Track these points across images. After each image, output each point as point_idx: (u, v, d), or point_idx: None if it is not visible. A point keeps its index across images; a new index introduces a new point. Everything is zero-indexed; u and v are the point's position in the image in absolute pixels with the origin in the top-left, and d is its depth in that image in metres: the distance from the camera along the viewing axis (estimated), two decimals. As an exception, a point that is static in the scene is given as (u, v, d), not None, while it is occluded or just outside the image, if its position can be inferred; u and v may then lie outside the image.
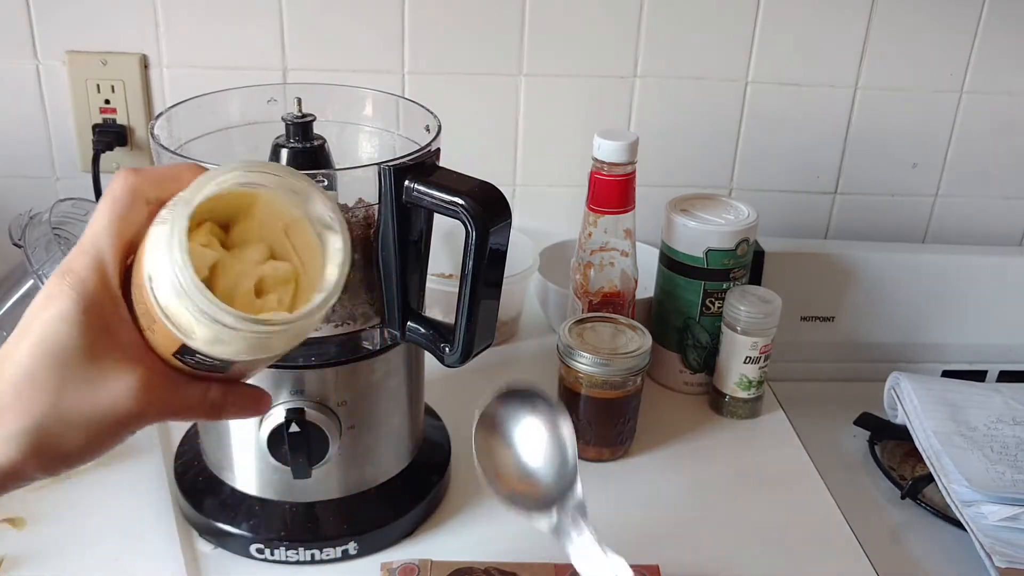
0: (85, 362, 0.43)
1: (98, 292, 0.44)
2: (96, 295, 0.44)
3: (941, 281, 1.03)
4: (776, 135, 1.10)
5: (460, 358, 0.68)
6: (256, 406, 0.49)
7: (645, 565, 0.72)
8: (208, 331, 0.44)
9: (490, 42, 1.04)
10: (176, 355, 0.45)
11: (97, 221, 0.45)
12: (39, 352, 0.43)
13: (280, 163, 0.51)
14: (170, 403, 0.45)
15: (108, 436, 0.44)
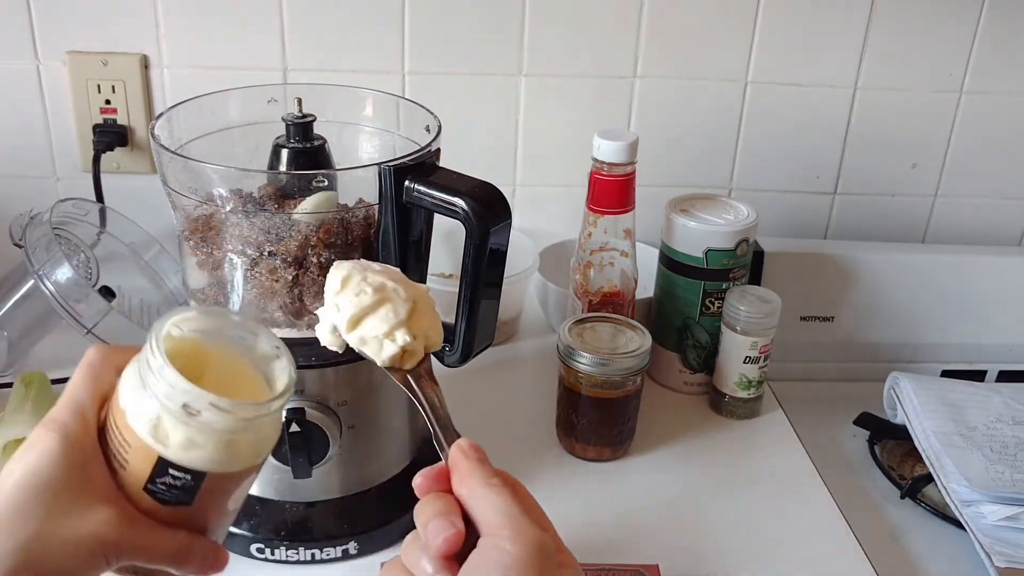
0: (67, 494, 0.46)
1: (79, 435, 0.48)
2: (77, 438, 0.47)
3: (941, 281, 1.03)
4: (776, 135, 1.10)
5: (460, 358, 0.68)
6: (215, 560, 0.52)
7: (645, 565, 0.72)
8: (182, 432, 0.47)
9: (490, 42, 1.04)
10: (148, 485, 0.48)
11: (75, 381, 0.50)
12: (25, 484, 0.46)
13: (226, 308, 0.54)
14: (142, 542, 0.48)
15: (89, 564, 0.47)
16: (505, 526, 0.44)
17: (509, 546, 0.43)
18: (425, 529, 0.45)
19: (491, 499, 0.45)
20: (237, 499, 0.52)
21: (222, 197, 0.66)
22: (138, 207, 1.01)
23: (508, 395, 0.96)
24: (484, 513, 0.45)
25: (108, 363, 0.51)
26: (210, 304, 0.70)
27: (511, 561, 0.43)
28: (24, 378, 0.86)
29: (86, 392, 0.50)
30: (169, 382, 0.46)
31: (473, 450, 0.48)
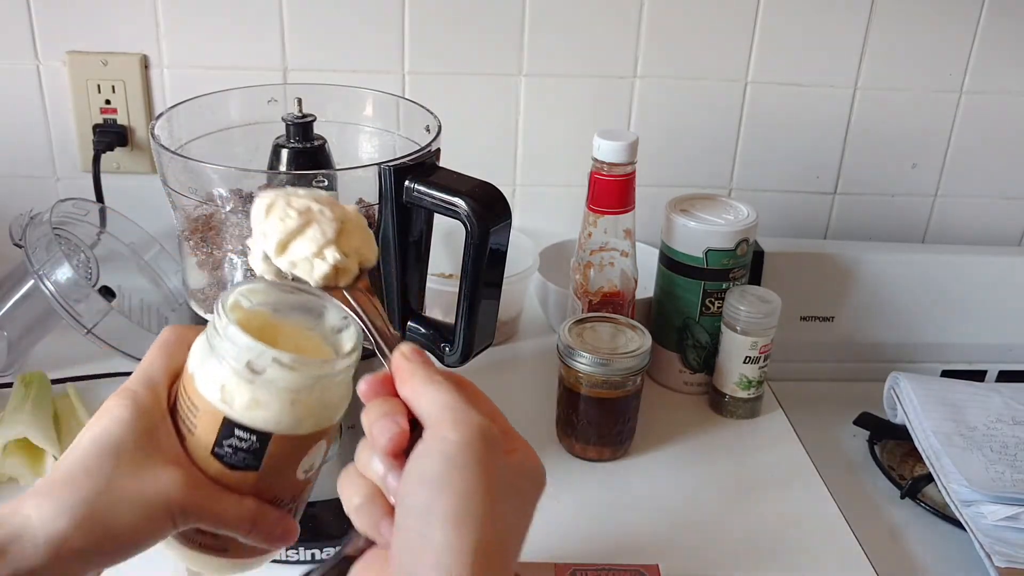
0: (136, 454, 0.47)
1: (149, 404, 0.48)
2: (147, 406, 0.48)
3: (941, 281, 1.03)
4: (776, 135, 1.10)
5: (460, 358, 0.68)
6: (285, 532, 0.51)
7: (645, 565, 0.72)
8: (247, 391, 0.47)
9: (490, 42, 1.04)
10: (215, 448, 0.48)
11: (149, 356, 0.51)
12: (93, 445, 0.47)
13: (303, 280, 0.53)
14: (208, 506, 0.48)
15: (155, 523, 0.47)
16: (446, 417, 0.44)
17: (450, 434, 0.43)
18: (371, 431, 0.45)
19: (432, 395, 0.45)
20: (308, 468, 0.51)
21: (222, 197, 0.66)
22: (138, 207, 1.01)
23: (508, 395, 0.96)
24: (426, 409, 0.45)
25: (182, 342, 0.51)
26: (210, 304, 0.70)
27: (452, 449, 0.42)
28: (24, 378, 0.86)
29: (159, 366, 0.50)
30: (233, 340, 0.47)
31: (415, 353, 0.47)
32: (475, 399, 0.47)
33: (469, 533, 0.40)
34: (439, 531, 0.40)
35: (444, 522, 0.40)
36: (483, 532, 0.40)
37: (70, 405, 0.86)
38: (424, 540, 0.40)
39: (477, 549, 0.40)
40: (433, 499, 0.41)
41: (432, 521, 0.40)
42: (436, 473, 0.42)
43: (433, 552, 0.40)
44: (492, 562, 0.40)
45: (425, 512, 0.41)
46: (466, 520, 0.40)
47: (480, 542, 0.40)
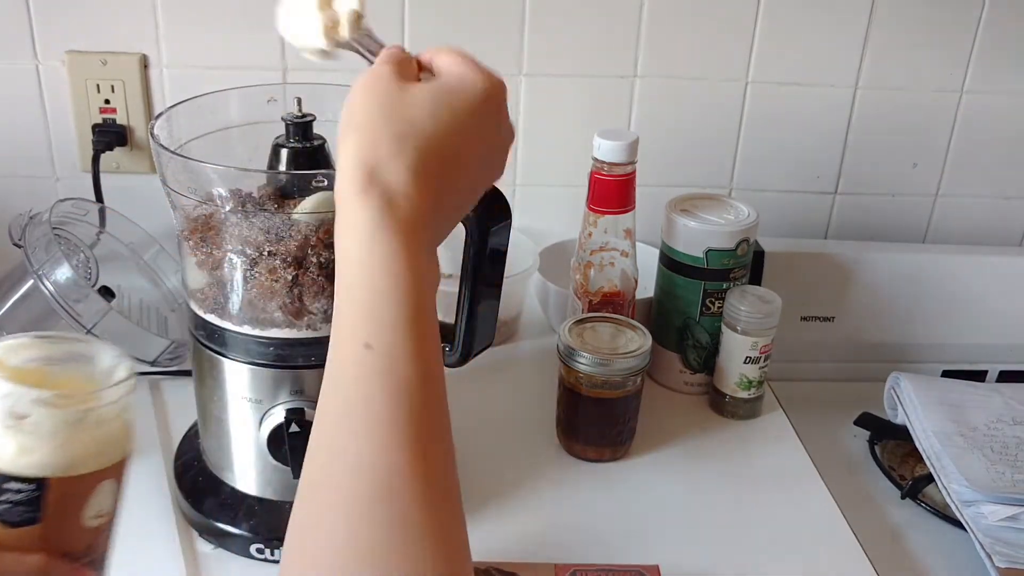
0: None
1: None
2: None
3: (941, 281, 1.03)
4: (776, 135, 1.10)
5: (460, 358, 0.68)
6: None
7: (645, 565, 0.72)
8: (13, 440, 0.45)
9: (490, 42, 1.04)
10: None
11: None
12: None
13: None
14: None
15: None
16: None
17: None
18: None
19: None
20: (97, 513, 0.49)
21: (222, 197, 0.66)
22: (138, 207, 1.00)
23: (508, 395, 0.96)
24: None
25: None
26: (209, 304, 0.70)
27: (353, 85, 0.54)
28: (24, 378, 0.86)
29: None
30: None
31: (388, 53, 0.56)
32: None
33: (346, 144, 0.49)
34: (337, 143, 0.50)
35: (339, 137, 0.50)
36: (358, 143, 0.49)
37: (70, 405, 0.86)
38: (336, 153, 0.51)
39: (353, 155, 0.49)
40: (340, 122, 0.51)
41: (338, 139, 0.51)
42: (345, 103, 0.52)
43: (337, 162, 0.50)
44: (370, 166, 0.48)
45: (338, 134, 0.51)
46: (344, 134, 0.50)
47: (355, 150, 0.49)
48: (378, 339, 0.45)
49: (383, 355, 0.45)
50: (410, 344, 0.45)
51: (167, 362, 0.91)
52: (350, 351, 0.45)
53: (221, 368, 0.71)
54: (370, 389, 0.44)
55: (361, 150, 0.49)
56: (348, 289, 0.47)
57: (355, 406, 0.44)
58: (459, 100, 0.52)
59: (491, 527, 0.77)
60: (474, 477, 0.82)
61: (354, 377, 0.45)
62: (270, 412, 0.70)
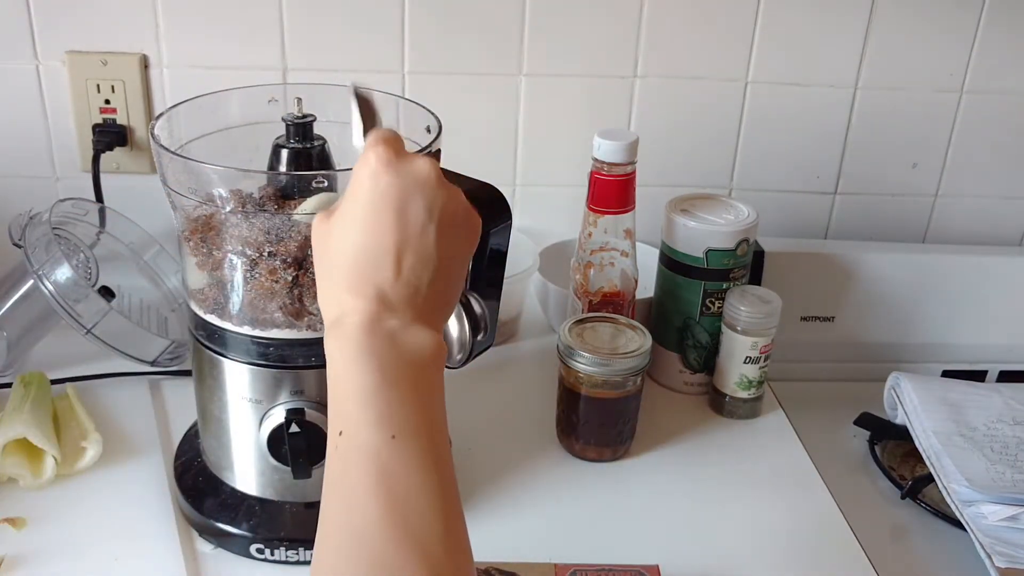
0: None
1: None
2: None
3: (941, 281, 1.03)
4: (776, 135, 1.10)
5: (460, 359, 0.68)
6: None
7: (645, 565, 0.72)
8: None
9: (490, 42, 1.04)
10: None
11: None
12: None
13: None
14: None
15: None
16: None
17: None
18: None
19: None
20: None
21: (222, 197, 0.66)
22: (138, 207, 1.01)
23: (508, 395, 0.96)
24: None
25: None
26: (209, 304, 0.70)
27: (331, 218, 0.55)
28: (24, 378, 0.86)
29: None
30: None
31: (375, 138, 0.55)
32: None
33: (343, 249, 0.53)
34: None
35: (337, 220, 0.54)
36: (322, 301, 0.55)
37: (69, 405, 0.86)
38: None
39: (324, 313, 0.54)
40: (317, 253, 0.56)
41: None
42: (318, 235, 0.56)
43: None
44: (334, 316, 0.53)
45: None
46: (340, 222, 0.54)
47: (325, 309, 0.54)
48: (348, 430, 0.51)
49: (353, 449, 0.50)
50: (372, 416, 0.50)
51: (167, 362, 0.92)
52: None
53: (221, 368, 0.71)
54: (348, 461, 0.50)
55: (327, 306, 0.55)
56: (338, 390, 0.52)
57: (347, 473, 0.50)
58: (361, 200, 0.53)
59: (491, 527, 0.77)
60: (474, 477, 0.83)
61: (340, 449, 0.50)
62: (270, 412, 0.70)
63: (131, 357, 0.89)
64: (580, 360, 0.83)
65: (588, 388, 0.83)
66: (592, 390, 0.83)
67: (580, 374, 0.83)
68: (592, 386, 0.83)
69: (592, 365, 0.82)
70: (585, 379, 0.83)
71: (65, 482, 0.79)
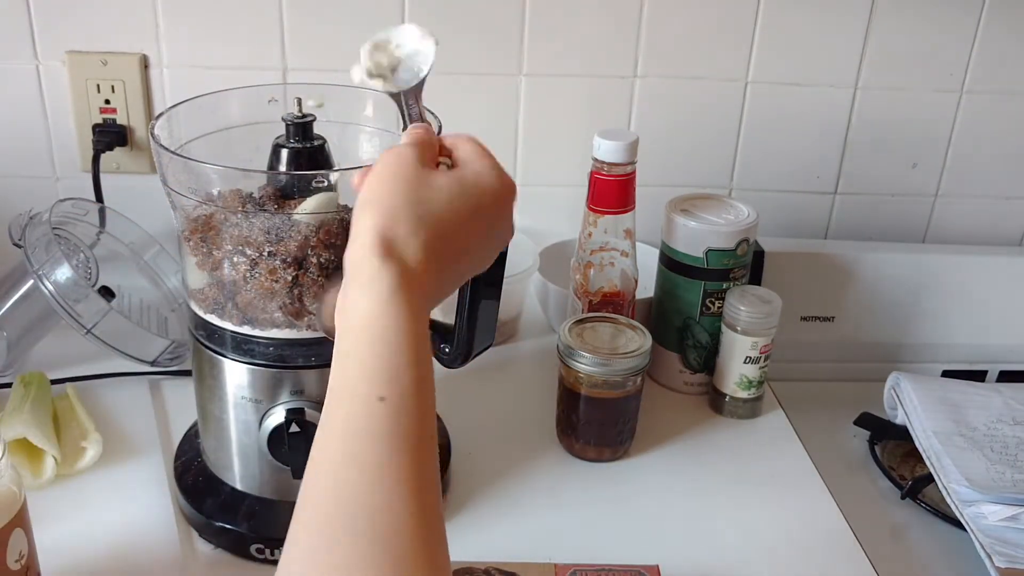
0: None
1: None
2: None
3: (941, 281, 1.03)
4: (776, 135, 1.10)
5: (460, 359, 0.68)
6: None
7: (645, 565, 0.72)
8: None
9: (490, 42, 1.04)
10: None
11: None
12: None
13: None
14: None
15: None
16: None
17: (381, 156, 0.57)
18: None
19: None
20: (18, 556, 0.59)
21: (222, 197, 0.66)
22: (138, 207, 1.00)
23: (508, 395, 0.96)
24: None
25: None
26: (209, 304, 0.70)
27: (376, 164, 0.56)
28: (24, 378, 0.86)
29: None
30: None
31: (414, 133, 0.59)
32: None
33: (368, 216, 0.53)
34: (356, 214, 0.54)
35: (358, 208, 0.54)
36: (380, 216, 0.53)
37: (70, 405, 0.86)
38: (353, 223, 0.54)
39: (374, 227, 0.52)
40: (361, 195, 0.55)
41: (356, 210, 0.54)
42: (367, 178, 0.56)
43: (353, 230, 0.54)
44: (389, 238, 0.52)
45: (356, 205, 0.55)
46: (365, 207, 0.53)
47: (377, 222, 0.52)
48: (391, 393, 0.48)
49: (395, 409, 0.48)
50: (418, 401, 0.49)
51: (167, 362, 0.92)
52: (362, 402, 0.48)
53: (221, 368, 0.71)
54: (379, 439, 0.47)
55: (383, 223, 0.52)
56: (361, 343, 0.50)
57: (363, 455, 0.47)
58: (474, 195, 0.56)
59: (491, 527, 0.77)
60: (474, 477, 0.83)
61: (365, 428, 0.48)
62: (270, 412, 0.70)
63: (131, 357, 0.89)
64: (580, 360, 0.83)
65: (588, 388, 0.83)
66: (592, 390, 0.83)
67: (580, 374, 0.83)
68: (592, 386, 0.83)
69: (592, 365, 0.82)
70: (585, 379, 0.83)
71: (65, 482, 0.79)
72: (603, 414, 0.84)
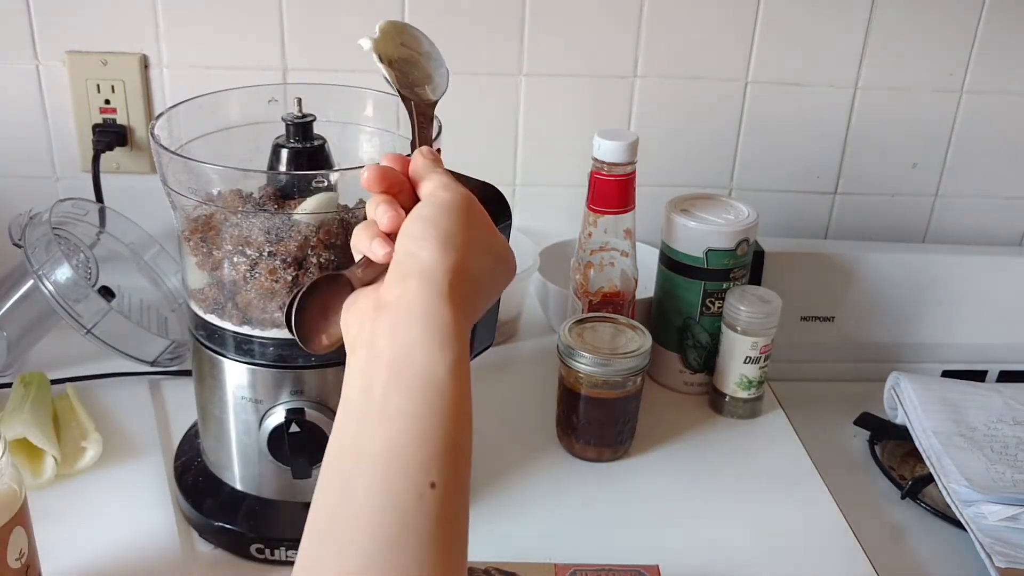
0: None
1: None
2: None
3: (941, 281, 1.03)
4: (776, 135, 1.10)
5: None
6: None
7: (645, 565, 0.72)
8: None
9: (490, 42, 1.04)
10: None
11: None
12: None
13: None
14: None
15: None
16: (441, 185, 0.54)
17: (444, 194, 0.54)
18: (375, 214, 0.53)
19: (434, 176, 0.55)
20: (18, 554, 0.60)
21: (222, 197, 0.66)
22: (138, 207, 1.01)
23: (508, 395, 0.96)
24: (427, 184, 0.55)
25: None
26: (209, 304, 0.70)
27: (445, 202, 0.53)
28: (24, 378, 0.86)
29: None
30: None
31: (430, 152, 0.58)
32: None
33: (449, 255, 0.50)
34: (427, 251, 0.50)
35: (432, 244, 0.50)
36: (460, 258, 0.50)
37: (69, 405, 0.86)
38: (413, 257, 0.50)
39: (453, 268, 0.50)
40: (425, 229, 0.51)
41: (423, 244, 0.51)
42: (430, 214, 0.52)
43: (419, 264, 0.50)
44: (463, 282, 0.50)
45: (419, 238, 0.51)
46: (448, 246, 0.51)
47: (457, 263, 0.50)
48: (440, 477, 0.45)
49: (443, 498, 0.45)
50: (462, 489, 0.47)
51: (167, 362, 0.92)
52: (417, 481, 0.44)
53: (221, 368, 0.71)
54: (424, 522, 0.44)
55: (459, 265, 0.50)
56: (418, 402, 0.46)
57: (406, 536, 0.43)
58: (502, 267, 0.56)
59: (491, 527, 0.77)
60: (474, 477, 0.82)
61: (413, 512, 0.44)
62: (270, 412, 0.70)
63: (131, 357, 0.89)
64: (580, 360, 0.83)
65: (588, 388, 0.83)
66: (592, 390, 0.83)
67: (580, 374, 0.83)
68: (592, 386, 0.83)
69: (592, 365, 0.82)
70: (585, 379, 0.83)
71: (65, 482, 0.79)
72: (603, 414, 0.84)
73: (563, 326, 0.86)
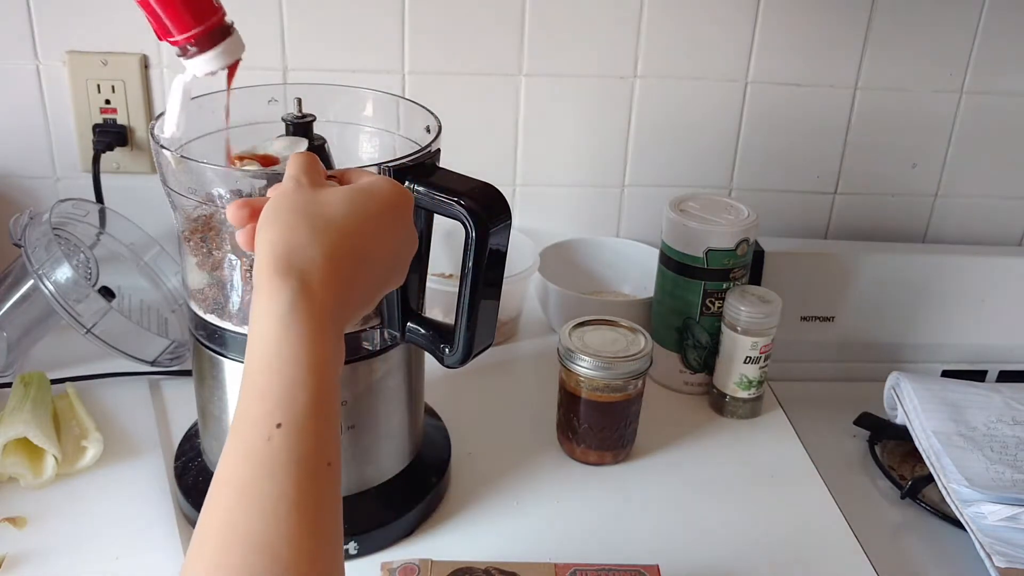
0: None
1: None
2: None
3: (941, 281, 1.03)
4: (776, 135, 1.10)
5: (460, 359, 0.68)
6: None
7: (645, 565, 0.72)
8: None
9: (490, 42, 1.04)
10: None
11: None
12: None
13: None
14: None
15: None
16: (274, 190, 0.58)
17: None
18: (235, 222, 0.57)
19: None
20: None
21: (222, 197, 0.66)
22: (138, 207, 1.01)
23: (508, 396, 0.96)
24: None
25: None
26: (209, 304, 0.70)
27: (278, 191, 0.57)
28: (24, 378, 0.86)
29: None
30: None
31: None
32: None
33: (264, 232, 0.54)
34: (256, 239, 0.54)
35: (257, 233, 0.55)
36: (275, 231, 0.53)
37: (70, 405, 0.86)
38: (256, 246, 0.54)
39: (270, 241, 0.53)
40: (258, 221, 0.55)
41: (256, 235, 0.55)
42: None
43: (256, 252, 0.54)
44: (286, 252, 0.52)
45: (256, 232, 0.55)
46: (261, 228, 0.54)
47: (272, 236, 0.53)
48: (286, 417, 0.47)
49: (291, 435, 0.47)
50: (317, 424, 0.48)
51: (167, 362, 0.92)
52: (257, 426, 0.47)
53: (221, 368, 0.71)
54: (275, 465, 0.46)
55: (279, 237, 0.53)
56: (261, 371, 0.49)
57: (257, 483, 0.46)
58: (370, 202, 0.57)
59: (491, 527, 0.77)
60: (474, 477, 0.83)
61: (260, 454, 0.47)
62: (270, 412, 0.70)
63: (131, 357, 0.89)
64: (581, 363, 0.82)
65: (589, 392, 0.83)
66: (593, 394, 0.83)
67: (581, 377, 0.83)
68: (593, 390, 0.83)
69: (593, 369, 0.82)
70: (586, 382, 0.83)
71: (65, 481, 0.79)
72: (604, 418, 0.84)
73: (563, 329, 0.86)
